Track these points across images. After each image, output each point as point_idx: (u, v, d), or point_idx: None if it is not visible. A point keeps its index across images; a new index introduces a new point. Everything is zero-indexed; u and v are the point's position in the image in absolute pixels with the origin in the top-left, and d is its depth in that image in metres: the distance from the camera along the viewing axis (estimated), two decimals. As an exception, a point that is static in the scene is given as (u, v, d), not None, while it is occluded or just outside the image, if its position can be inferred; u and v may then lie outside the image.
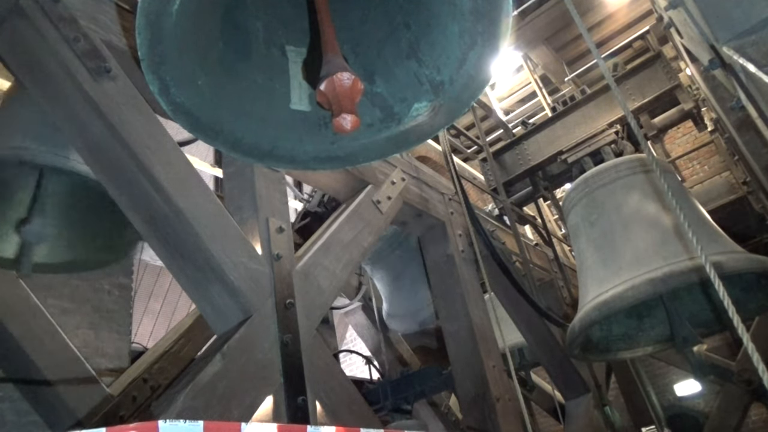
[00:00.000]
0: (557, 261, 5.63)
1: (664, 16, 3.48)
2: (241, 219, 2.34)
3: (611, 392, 5.56)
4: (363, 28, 1.81)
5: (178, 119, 1.54)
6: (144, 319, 9.58)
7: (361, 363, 5.73)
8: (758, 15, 1.97)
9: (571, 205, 3.91)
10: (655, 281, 2.95)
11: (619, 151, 4.31)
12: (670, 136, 10.16)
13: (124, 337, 4.40)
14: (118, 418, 2.63)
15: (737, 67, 2.15)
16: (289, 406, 1.94)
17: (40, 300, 2.73)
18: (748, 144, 3.39)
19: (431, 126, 1.77)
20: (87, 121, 1.97)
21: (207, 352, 1.99)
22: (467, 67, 1.63)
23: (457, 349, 3.38)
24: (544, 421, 8.24)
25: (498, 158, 5.39)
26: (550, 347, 4.44)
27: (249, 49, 1.72)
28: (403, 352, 5.41)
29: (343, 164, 1.85)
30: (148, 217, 2.02)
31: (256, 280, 2.09)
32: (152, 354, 3.01)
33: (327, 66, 1.32)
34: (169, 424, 0.95)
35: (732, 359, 5.98)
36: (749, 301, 3.34)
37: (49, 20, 1.94)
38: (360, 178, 3.14)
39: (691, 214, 3.37)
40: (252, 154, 1.72)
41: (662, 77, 4.61)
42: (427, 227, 3.81)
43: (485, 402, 3.11)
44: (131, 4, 2.32)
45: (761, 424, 8.24)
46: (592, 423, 4.34)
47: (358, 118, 1.32)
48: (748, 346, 1.25)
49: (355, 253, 2.76)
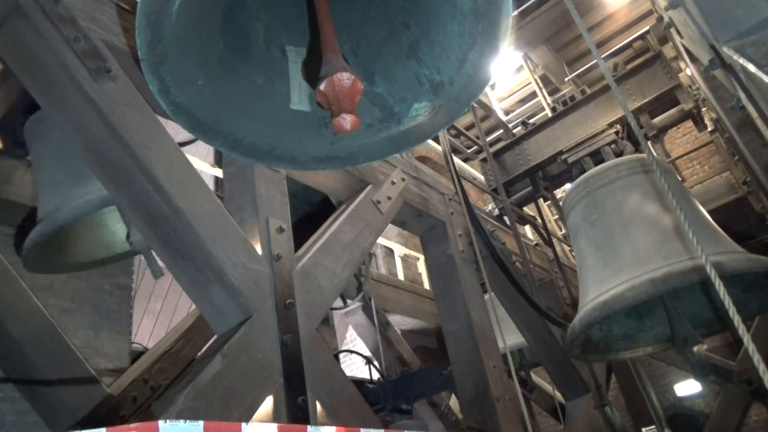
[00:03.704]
0: (557, 261, 5.63)
1: (664, 16, 3.49)
2: (241, 219, 2.34)
3: (611, 392, 5.55)
4: (363, 28, 1.81)
5: (178, 119, 1.54)
6: (144, 320, 9.57)
7: (361, 363, 5.73)
8: (758, 15, 1.97)
9: (571, 205, 3.91)
10: (655, 281, 2.94)
11: (619, 151, 4.31)
12: (670, 136, 10.17)
13: (125, 337, 4.40)
14: (119, 419, 2.63)
15: (737, 67, 2.15)
16: (289, 406, 1.94)
17: (40, 300, 2.73)
18: (748, 144, 3.39)
19: (431, 126, 1.77)
20: (87, 121, 1.97)
21: (207, 352, 1.99)
22: (467, 67, 1.63)
23: (457, 349, 3.38)
24: (544, 421, 8.25)
25: (498, 158, 5.39)
26: (550, 347, 4.44)
27: (249, 49, 1.72)
28: (403, 352, 5.41)
29: (343, 164, 1.85)
30: (148, 217, 2.02)
31: (256, 280, 2.09)
32: (152, 354, 3.00)
33: (327, 66, 1.32)
34: (169, 425, 0.95)
35: (732, 359, 5.98)
36: (749, 301, 3.33)
37: (49, 20, 1.94)
38: (360, 178, 3.14)
39: (691, 214, 3.36)
40: (252, 154, 1.72)
41: (662, 77, 4.61)
42: (427, 227, 3.81)
43: (485, 402, 3.11)
44: (131, 4, 2.32)
45: (761, 425, 8.25)
46: (592, 423, 4.34)
47: (357, 119, 1.32)
48: (749, 346, 1.24)
49: (356, 253, 2.76)
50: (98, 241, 3.06)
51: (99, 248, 3.08)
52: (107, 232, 3.07)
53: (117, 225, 3.01)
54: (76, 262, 3.03)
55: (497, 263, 3.86)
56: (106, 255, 3.09)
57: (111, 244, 3.08)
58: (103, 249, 3.08)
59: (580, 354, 3.63)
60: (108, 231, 3.07)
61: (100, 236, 3.06)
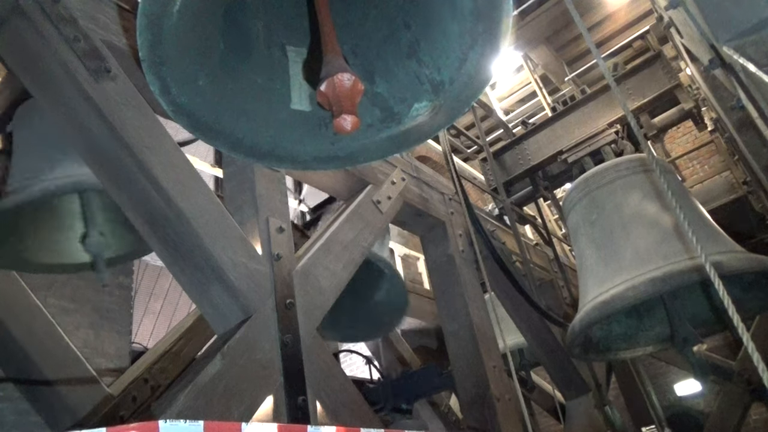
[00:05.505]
0: (557, 261, 5.63)
1: (664, 15, 3.49)
2: (241, 219, 2.34)
3: (611, 392, 5.56)
4: (363, 28, 1.81)
5: (179, 119, 1.54)
6: (144, 319, 9.58)
7: (361, 363, 5.73)
8: (758, 15, 1.97)
9: (571, 205, 3.91)
10: (655, 281, 2.94)
11: (619, 151, 4.30)
12: (670, 135, 10.17)
13: (125, 337, 4.40)
14: (119, 418, 2.63)
15: (737, 67, 2.15)
16: (289, 406, 1.94)
17: (40, 300, 2.73)
18: (748, 144, 3.39)
19: (431, 126, 1.77)
20: (87, 121, 1.97)
21: (207, 352, 1.99)
22: (467, 67, 1.63)
23: (457, 349, 3.38)
24: (544, 421, 8.24)
25: (498, 158, 5.39)
26: (551, 347, 4.44)
27: (249, 49, 1.72)
28: (403, 352, 5.41)
29: (343, 164, 1.85)
30: (148, 217, 2.02)
31: (256, 280, 2.09)
32: (152, 354, 3.00)
33: (327, 66, 1.32)
34: (169, 424, 0.95)
35: (732, 359, 5.98)
36: (749, 301, 3.33)
37: (49, 20, 1.94)
38: (360, 178, 3.14)
39: (691, 214, 3.37)
40: (252, 154, 1.72)
41: (662, 77, 4.61)
42: (427, 227, 3.81)
43: (485, 402, 3.11)
44: (131, 4, 2.32)
45: (762, 424, 8.25)
46: (593, 423, 4.34)
47: (358, 119, 1.32)
48: (749, 345, 1.24)
49: (356, 253, 2.76)
50: (51, 242, 2.86)
51: (49, 251, 2.85)
52: (61, 235, 2.89)
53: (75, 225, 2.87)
54: (29, 260, 2.81)
55: (497, 263, 3.86)
56: (55, 261, 2.88)
57: (62, 250, 2.88)
58: (53, 253, 2.87)
59: (580, 354, 3.63)
60: (63, 234, 2.89)
61: (54, 236, 2.87)
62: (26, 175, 2.48)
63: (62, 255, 2.90)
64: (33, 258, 2.81)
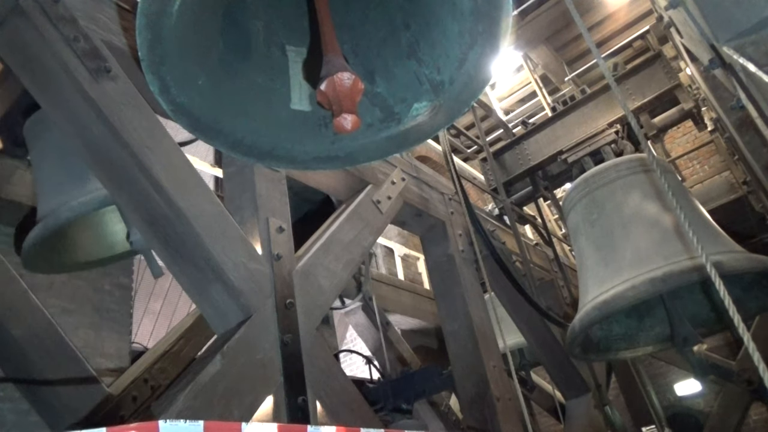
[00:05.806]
0: (557, 261, 5.63)
1: (664, 15, 3.49)
2: (241, 219, 2.34)
3: (611, 392, 5.55)
4: (363, 28, 1.81)
5: (179, 119, 1.54)
6: (144, 319, 9.57)
7: (361, 363, 5.73)
8: (758, 15, 1.97)
9: (571, 205, 3.91)
10: (655, 281, 2.94)
11: (619, 151, 4.30)
12: (670, 135, 10.17)
13: (125, 337, 4.40)
14: (119, 418, 2.63)
15: (737, 66, 2.15)
16: (289, 406, 1.94)
17: (40, 300, 2.72)
18: (748, 144, 3.39)
19: (431, 126, 1.77)
20: (87, 121, 1.97)
21: (207, 352, 1.99)
22: (467, 66, 1.63)
23: (457, 349, 3.38)
24: (544, 421, 8.24)
25: (498, 158, 5.39)
26: (550, 347, 4.44)
27: (249, 49, 1.71)
28: (403, 352, 5.40)
29: (343, 164, 1.85)
30: (148, 217, 2.02)
31: (256, 280, 2.09)
32: (152, 354, 3.00)
33: (327, 66, 1.32)
34: (169, 424, 0.95)
35: (732, 359, 5.98)
36: (749, 301, 3.33)
37: (49, 20, 1.94)
38: (360, 178, 3.14)
39: (691, 214, 3.36)
40: (252, 154, 1.72)
41: (662, 77, 4.61)
42: (427, 227, 3.81)
43: (485, 402, 3.11)
44: (131, 4, 2.32)
45: (762, 424, 8.25)
46: (592, 423, 4.34)
47: (358, 118, 1.32)
48: (749, 345, 1.24)
49: (356, 252, 2.76)
50: (98, 240, 3.08)
51: (99, 248, 3.09)
52: (107, 232, 3.08)
53: (117, 225, 3.02)
54: (76, 262, 3.04)
55: (497, 263, 3.86)
56: (106, 255, 3.10)
57: (111, 244, 3.09)
58: (103, 249, 3.09)
59: (580, 354, 3.63)
60: (108, 231, 3.08)
61: (100, 236, 3.08)
62: (51, 202, 2.61)
63: (109, 249, 3.11)
64: (82, 258, 3.05)
